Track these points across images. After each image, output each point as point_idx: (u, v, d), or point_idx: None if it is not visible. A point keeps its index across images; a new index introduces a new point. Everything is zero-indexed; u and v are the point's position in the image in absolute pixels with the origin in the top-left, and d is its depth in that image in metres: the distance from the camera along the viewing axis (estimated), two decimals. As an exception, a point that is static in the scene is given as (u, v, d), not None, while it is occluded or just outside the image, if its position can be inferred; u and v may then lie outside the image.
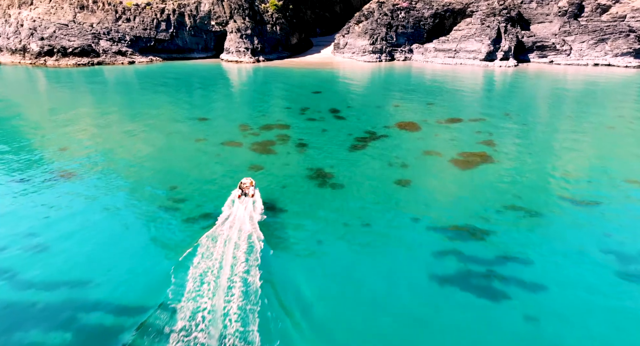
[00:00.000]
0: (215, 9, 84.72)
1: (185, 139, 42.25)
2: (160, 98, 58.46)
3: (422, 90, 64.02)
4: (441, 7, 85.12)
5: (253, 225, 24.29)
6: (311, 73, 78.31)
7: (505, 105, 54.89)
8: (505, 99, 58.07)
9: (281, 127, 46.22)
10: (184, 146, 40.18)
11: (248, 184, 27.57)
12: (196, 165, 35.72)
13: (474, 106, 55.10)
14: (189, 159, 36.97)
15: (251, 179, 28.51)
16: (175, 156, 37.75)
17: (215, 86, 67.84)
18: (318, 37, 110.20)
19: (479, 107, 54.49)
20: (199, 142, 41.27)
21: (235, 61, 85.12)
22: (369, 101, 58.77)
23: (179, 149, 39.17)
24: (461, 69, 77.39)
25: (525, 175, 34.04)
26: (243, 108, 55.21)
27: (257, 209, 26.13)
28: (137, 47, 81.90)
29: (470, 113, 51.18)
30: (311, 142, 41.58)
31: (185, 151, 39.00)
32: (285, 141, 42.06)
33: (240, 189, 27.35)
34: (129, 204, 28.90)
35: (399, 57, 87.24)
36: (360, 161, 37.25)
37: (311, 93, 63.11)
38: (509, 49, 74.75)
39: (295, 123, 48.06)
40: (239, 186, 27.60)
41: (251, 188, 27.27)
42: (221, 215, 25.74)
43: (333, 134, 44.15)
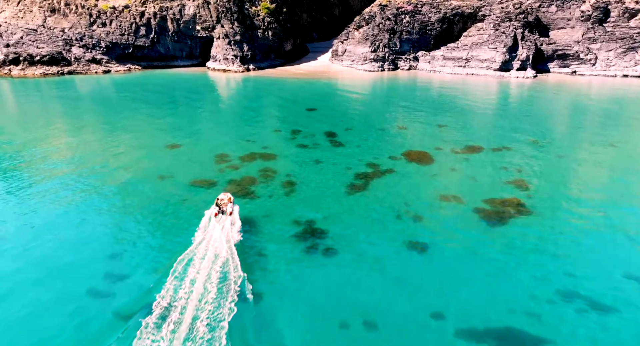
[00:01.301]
0: (201, 12, 76.93)
1: (147, 176, 34.39)
2: (130, 117, 50.60)
3: (430, 106, 56.25)
4: (449, 11, 77.43)
5: (229, 249, 22.70)
6: (306, 84, 70.55)
7: (530, 128, 47.09)
8: (529, 120, 50.26)
9: (266, 158, 38.45)
10: (142, 188, 32.27)
11: (226, 200, 26.03)
12: (151, 218, 27.87)
13: (494, 128, 47.31)
14: (143, 208, 29.09)
15: (229, 194, 26.86)
16: (127, 205, 29.76)
17: (197, 100, 60.01)
18: (315, 42, 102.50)
19: (500, 130, 46.67)
20: (163, 181, 33.47)
21: (222, 69, 77.32)
22: (371, 121, 50.96)
23: (134, 194, 31.23)
24: (473, 80, 69.67)
25: (579, 237, 26.19)
26: (225, 130, 47.34)
27: (235, 228, 25.03)
28: (113, 55, 74.06)
29: (490, 139, 43.39)
30: (301, 180, 33.84)
31: (142, 195, 31.12)
32: (270, 177, 34.27)
33: (217, 206, 25.74)
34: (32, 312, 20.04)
35: (403, 66, 79.51)
36: (360, 209, 29.48)
37: (305, 110, 55.33)
38: (527, 58, 67.10)
39: (284, 151, 40.30)
40: (216, 202, 25.96)
41: (229, 204, 25.74)
42: (196, 235, 24.41)
43: (328, 168, 36.41)
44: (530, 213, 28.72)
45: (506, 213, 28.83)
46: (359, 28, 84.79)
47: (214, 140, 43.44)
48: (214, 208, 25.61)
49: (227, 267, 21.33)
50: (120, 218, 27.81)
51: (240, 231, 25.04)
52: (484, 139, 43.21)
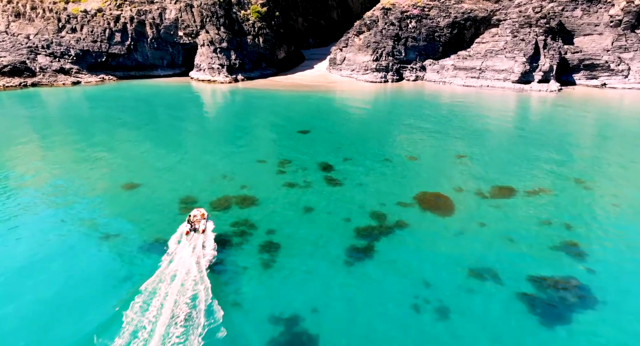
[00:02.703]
0: (184, 16, 69.01)
1: (86, 237, 26.33)
2: (88, 144, 42.58)
3: (443, 127, 48.25)
4: (460, 15, 69.54)
5: (200, 272, 21.09)
6: (300, 99, 62.62)
7: (567, 159, 38.99)
8: (564, 148, 42.12)
9: (244, 203, 30.49)
10: (80, 256, 24.25)
11: (199, 216, 24.83)
12: (82, 306, 19.97)
13: (523, 160, 39.21)
14: (76, 288, 21.22)
15: (203, 210, 25.67)
16: (53, 287, 21.80)
17: (173, 119, 52.01)
18: (311, 48, 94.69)
19: (531, 162, 38.51)
20: (107, 242, 25.53)
21: (207, 80, 69.41)
22: (374, 147, 42.92)
23: (62, 268, 23.26)
24: (488, 93, 61.71)
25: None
26: (199, 161, 39.28)
27: (208, 248, 23.53)
28: (84, 64, 66.14)
29: (521, 175, 35.33)
30: (285, 242, 25.86)
31: (76, 267, 23.17)
32: (245, 238, 26.23)
33: (189, 223, 24.49)
34: None
35: (409, 76, 71.58)
36: (364, 295, 21.46)
37: (297, 133, 47.35)
38: (550, 69, 59.19)
39: (268, 193, 32.29)
40: (188, 219, 24.75)
41: (202, 221, 24.60)
42: (165, 255, 22.88)
43: (322, 220, 28.50)
44: (597, 304, 20.70)
45: (564, 302, 20.84)
46: (360, 34, 76.92)
47: (183, 176, 35.37)
48: (186, 225, 24.35)
49: (196, 291, 20.12)
50: (38, 310, 19.85)
51: (214, 249, 23.73)
52: (513, 176, 35.17)
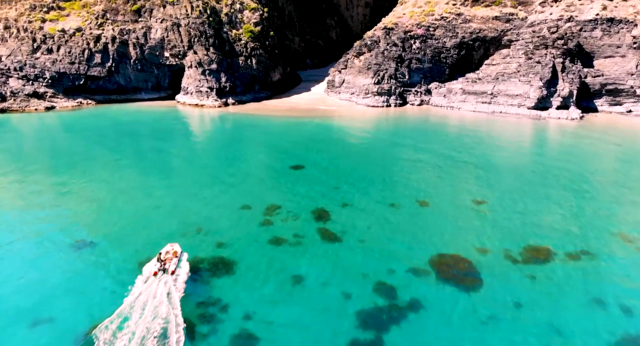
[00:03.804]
0: (170, 36, 64.06)
1: (17, 318, 20.20)
2: (42, 186, 36.54)
3: (456, 163, 42.30)
4: (468, 35, 64.63)
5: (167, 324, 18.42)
6: (294, 126, 57.02)
7: (610, 209, 32.65)
8: (603, 192, 35.94)
9: (217, 271, 24.29)
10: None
11: (171, 254, 22.16)
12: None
13: (555, 208, 33.03)
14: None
15: (177, 246, 23.02)
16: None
17: (151, 153, 46.08)
18: (308, 69, 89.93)
19: (566, 212, 32.25)
20: (36, 330, 19.32)
21: (195, 104, 64.00)
22: (378, 188, 36.84)
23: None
24: (502, 120, 56.12)
25: None
26: (173, 209, 32.97)
27: (177, 292, 20.29)
28: (60, 87, 60.75)
29: (557, 230, 29.11)
30: (266, 332, 19.66)
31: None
32: (213, 326, 20.00)
33: (159, 261, 21.74)
34: None
35: (413, 101, 66.25)
36: None
37: (289, 169, 41.42)
38: (570, 94, 53.78)
39: (248, 255, 26.10)
40: (158, 257, 22.05)
41: (174, 259, 21.85)
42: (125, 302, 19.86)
43: (313, 297, 22.30)
44: None
45: None
46: (360, 55, 72.00)
47: (152, 229, 29.16)
48: (155, 263, 21.91)
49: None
50: None
51: (186, 282, 21.45)
52: (546, 231, 28.97)
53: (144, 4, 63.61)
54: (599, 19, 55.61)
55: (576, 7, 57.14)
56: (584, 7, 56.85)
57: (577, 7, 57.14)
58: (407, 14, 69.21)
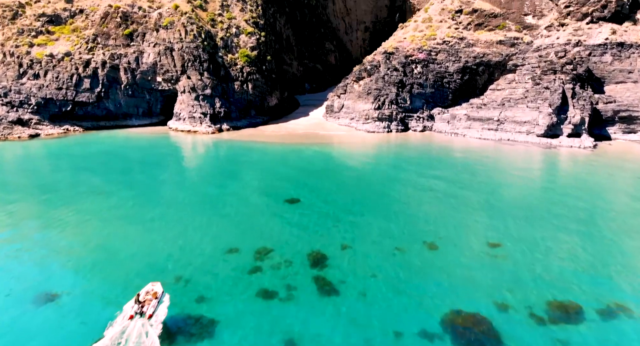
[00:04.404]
0: (163, 60, 61.88)
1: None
2: (17, 229, 33.17)
3: (465, 197, 38.76)
4: (471, 60, 62.49)
5: None
6: (291, 153, 54.00)
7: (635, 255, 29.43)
8: (628, 232, 32.64)
9: (194, 336, 20.60)
10: None
11: (151, 295, 19.94)
12: None
13: (579, 251, 29.43)
14: None
15: (158, 286, 20.80)
16: None
17: (134, 186, 42.68)
18: (307, 94, 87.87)
19: (592, 256, 28.67)
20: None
21: (187, 130, 61.22)
22: (381, 226, 33.31)
23: None
24: (510, 149, 53.12)
25: None
26: (152, 253, 29.44)
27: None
28: (46, 114, 58.05)
29: (585, 282, 25.43)
30: None
31: None
32: None
33: (136, 302, 19.52)
34: None
35: (416, 126, 63.53)
36: None
37: (283, 203, 38.01)
38: (581, 122, 51.03)
39: (231, 312, 22.37)
40: (136, 298, 19.82)
41: (153, 301, 19.57)
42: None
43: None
44: None
45: None
46: (359, 80, 69.80)
47: (123, 278, 25.53)
48: (132, 305, 19.33)
49: None
50: None
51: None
52: (574, 282, 25.30)
53: (136, 28, 61.72)
54: (608, 44, 53.47)
55: (584, 31, 55.11)
56: (592, 32, 54.83)
57: (584, 31, 55.11)
58: (408, 38, 67.38)
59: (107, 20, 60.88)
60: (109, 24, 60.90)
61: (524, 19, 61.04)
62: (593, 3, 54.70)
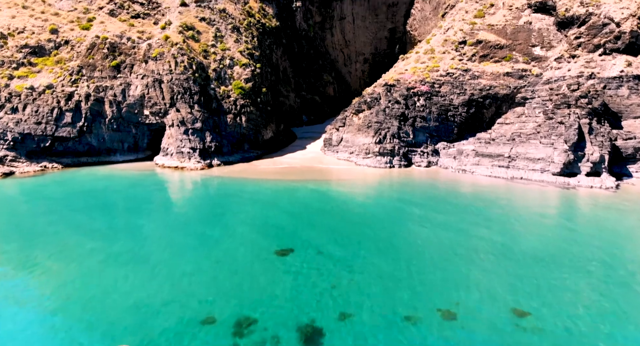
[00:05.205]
0: (151, 93, 58.56)
1: None
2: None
3: (479, 248, 33.87)
4: (477, 92, 59.23)
5: None
6: (285, 193, 49.56)
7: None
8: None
9: None
10: None
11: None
12: None
13: (623, 322, 24.68)
14: None
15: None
16: None
17: (106, 231, 37.94)
18: (304, 126, 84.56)
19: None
20: None
21: (175, 166, 57.07)
22: (387, 288, 28.26)
23: None
24: (523, 188, 48.77)
25: None
26: (103, 323, 24.62)
27: None
28: (23, 150, 54.03)
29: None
30: None
31: None
32: None
33: None
34: None
35: (420, 162, 59.46)
36: None
37: (273, 254, 33.15)
38: (601, 160, 47.03)
39: None
40: None
41: None
42: None
43: None
44: None
45: None
46: (359, 112, 66.38)
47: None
48: None
49: None
50: None
51: None
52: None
53: (124, 59, 58.78)
54: (624, 76, 50.27)
55: (597, 63, 52.08)
56: (605, 64, 51.78)
57: (597, 63, 52.07)
58: (409, 69, 64.48)
59: (93, 51, 58.02)
60: (95, 56, 57.97)
61: (532, 51, 58.26)
62: (605, 34, 51.99)
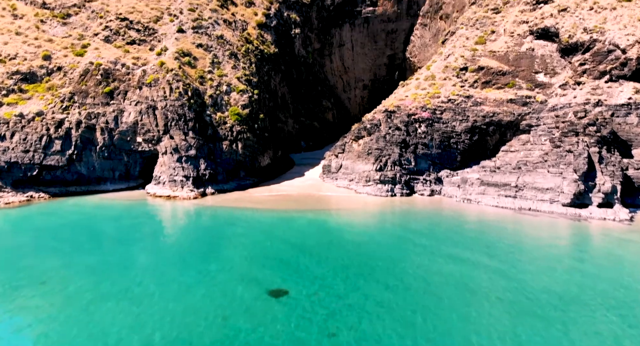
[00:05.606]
0: (144, 120, 56.88)
1: None
2: None
3: (493, 288, 31.08)
4: (480, 119, 57.63)
5: None
6: (281, 224, 46.97)
7: None
8: None
9: None
10: None
11: None
12: None
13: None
14: None
15: None
16: None
17: (81, 271, 35.15)
18: (303, 152, 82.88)
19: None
20: None
21: (167, 195, 54.74)
22: (394, 334, 25.59)
23: None
24: (532, 220, 46.31)
25: None
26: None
27: None
28: (9, 179, 51.78)
29: None
30: None
31: None
32: None
33: None
34: None
35: (422, 190, 57.21)
36: None
37: (266, 296, 30.31)
38: (613, 190, 44.87)
39: None
40: None
41: None
42: None
43: None
44: None
45: None
46: (359, 139, 64.64)
47: None
48: None
49: None
50: None
51: None
52: None
53: (118, 85, 57.45)
54: (632, 104, 48.77)
55: (603, 90, 50.67)
56: (612, 91, 50.36)
57: (604, 90, 50.67)
58: (409, 96, 63.14)
59: (86, 77, 56.73)
60: (88, 82, 56.63)
61: (535, 77, 57.06)
62: (611, 61, 50.82)
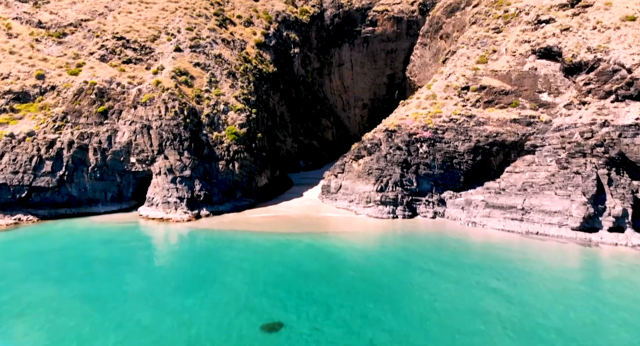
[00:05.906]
0: (138, 139, 55.44)
1: None
2: None
3: (508, 322, 28.92)
4: (484, 139, 56.19)
5: None
6: (277, 249, 44.87)
7: None
8: None
9: None
10: None
11: None
12: None
13: None
14: None
15: None
16: None
17: (67, 301, 33.09)
18: (301, 172, 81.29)
19: None
20: None
21: (160, 218, 52.78)
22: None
23: None
24: (542, 245, 44.25)
25: None
26: None
27: None
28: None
29: None
30: None
31: None
32: None
33: None
34: None
35: (425, 212, 55.28)
36: None
37: (259, 331, 28.06)
38: (624, 214, 43.06)
39: None
40: None
41: None
42: None
43: None
44: None
45: None
46: (359, 158, 63.10)
47: None
48: None
49: None
50: None
51: None
52: None
53: (112, 105, 56.29)
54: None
55: (609, 110, 49.39)
56: (619, 111, 49.08)
57: (610, 110, 49.39)
58: (410, 115, 61.91)
59: (80, 97, 55.63)
60: (82, 101, 55.48)
61: (539, 97, 55.91)
62: (616, 81, 49.71)
